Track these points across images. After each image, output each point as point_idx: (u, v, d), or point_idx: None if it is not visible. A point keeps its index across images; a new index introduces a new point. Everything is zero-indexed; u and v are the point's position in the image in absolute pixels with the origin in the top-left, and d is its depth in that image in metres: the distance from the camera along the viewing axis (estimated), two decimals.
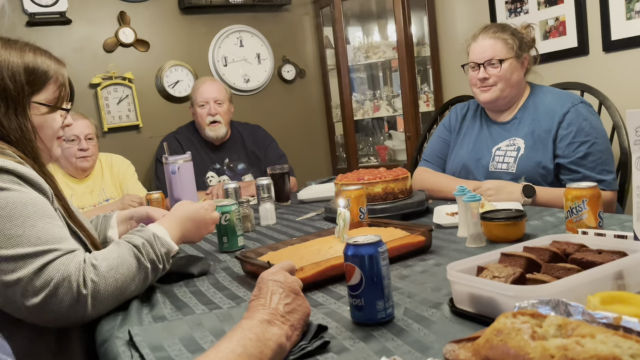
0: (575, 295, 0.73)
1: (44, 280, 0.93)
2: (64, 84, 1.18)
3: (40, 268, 0.93)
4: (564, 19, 2.60)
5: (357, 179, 1.69)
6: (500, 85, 1.84)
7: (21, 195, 0.98)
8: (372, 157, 3.60)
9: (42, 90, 1.13)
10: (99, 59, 3.01)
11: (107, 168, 2.54)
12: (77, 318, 0.97)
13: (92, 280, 0.98)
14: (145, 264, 1.07)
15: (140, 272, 1.06)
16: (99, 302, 0.99)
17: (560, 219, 1.41)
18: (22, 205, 0.97)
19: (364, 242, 0.86)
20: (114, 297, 1.02)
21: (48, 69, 1.13)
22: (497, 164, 1.86)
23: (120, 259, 1.04)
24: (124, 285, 1.03)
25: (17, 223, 0.95)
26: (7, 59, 1.08)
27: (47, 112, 1.14)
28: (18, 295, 0.93)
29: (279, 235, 1.61)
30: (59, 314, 0.95)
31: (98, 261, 1.01)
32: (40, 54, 1.13)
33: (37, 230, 0.96)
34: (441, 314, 0.87)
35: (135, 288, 1.06)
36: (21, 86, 1.09)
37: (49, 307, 0.94)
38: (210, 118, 2.64)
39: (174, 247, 1.16)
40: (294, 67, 3.56)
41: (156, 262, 1.10)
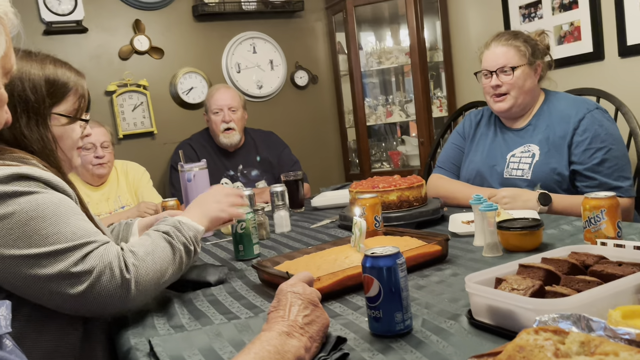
0: (596, 308, 0.72)
1: (86, 268, 0.95)
2: (83, 95, 1.20)
3: (81, 258, 0.95)
4: (579, 24, 2.58)
5: (371, 187, 1.70)
6: (514, 92, 1.83)
7: (50, 196, 1.00)
8: (384, 162, 3.59)
9: (62, 102, 1.15)
10: (115, 67, 3.04)
11: (122, 175, 2.57)
12: (121, 303, 0.98)
13: (133, 264, 1.00)
14: (178, 246, 1.09)
15: (175, 255, 1.09)
16: (142, 285, 1.00)
17: (577, 227, 1.40)
18: (52, 204, 0.99)
19: (382, 254, 0.86)
20: (154, 281, 1.03)
21: (68, 81, 1.15)
22: (512, 171, 1.86)
23: (155, 244, 1.07)
24: (162, 268, 1.05)
25: (51, 222, 0.97)
26: (28, 71, 1.10)
27: (67, 123, 1.16)
28: (63, 287, 0.94)
29: (294, 244, 1.62)
30: (104, 301, 0.96)
31: (135, 248, 1.04)
32: (60, 66, 1.15)
33: (72, 227, 0.98)
34: (459, 326, 0.87)
35: (173, 272, 1.08)
36: (42, 98, 1.11)
37: (94, 294, 0.95)
38: (225, 125, 2.66)
39: (200, 228, 1.18)
40: (306, 73, 3.58)
41: (187, 244, 1.12)
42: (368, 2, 3.35)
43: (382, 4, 3.39)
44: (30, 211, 0.95)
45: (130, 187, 2.55)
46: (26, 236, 0.94)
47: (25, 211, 0.95)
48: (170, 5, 3.17)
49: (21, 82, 1.09)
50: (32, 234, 0.94)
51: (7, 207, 0.94)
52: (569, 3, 2.61)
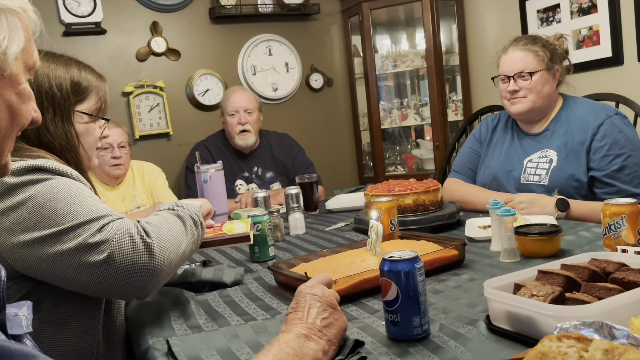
0: (618, 316, 0.72)
1: (104, 237, 0.95)
2: (103, 97, 1.24)
3: (98, 229, 0.96)
4: (598, 28, 2.56)
5: (387, 191, 1.69)
6: (531, 97, 1.82)
7: (64, 180, 1.02)
8: (399, 166, 3.59)
9: (85, 101, 1.19)
10: (132, 68, 3.07)
11: (138, 175, 2.59)
12: (148, 271, 0.96)
13: (152, 230, 1.00)
14: (185, 217, 1.09)
15: (186, 225, 1.08)
16: (165, 250, 0.99)
17: (596, 234, 1.39)
18: (67, 187, 1.01)
19: (400, 258, 0.86)
20: (175, 248, 1.02)
21: (90, 83, 1.20)
22: (529, 176, 1.84)
23: (164, 217, 1.06)
24: (179, 236, 1.04)
25: (66, 202, 0.98)
26: (55, 70, 1.15)
27: (89, 121, 1.20)
28: (84, 257, 0.94)
29: (308, 246, 1.62)
30: (130, 268, 0.94)
31: (149, 219, 1.04)
32: (83, 69, 1.20)
33: (87, 204, 0.99)
34: (477, 331, 0.87)
35: (188, 242, 1.08)
36: (67, 94, 1.15)
37: (117, 261, 0.94)
38: (240, 127, 2.68)
39: (197, 204, 1.18)
40: (321, 76, 3.58)
41: (193, 216, 1.12)
42: (384, 5, 3.35)
43: (398, 7, 3.39)
44: (46, 194, 0.97)
45: (146, 187, 2.58)
46: (44, 218, 0.96)
47: (40, 194, 0.97)
48: (188, 7, 3.20)
49: (48, 80, 1.13)
50: (49, 215, 0.96)
51: (23, 194, 0.97)
52: (588, 7, 2.59)
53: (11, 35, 0.66)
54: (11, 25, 0.66)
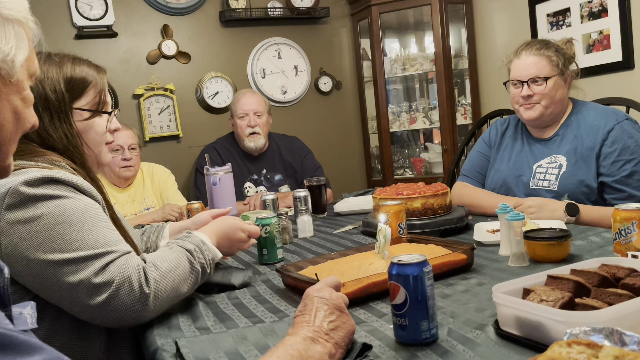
0: (628, 322, 0.71)
1: (106, 279, 0.97)
2: (103, 89, 1.22)
3: (101, 268, 0.98)
4: (608, 32, 2.55)
5: (395, 194, 1.69)
6: (545, 102, 1.80)
7: (77, 202, 1.03)
8: (407, 169, 3.58)
9: (82, 97, 1.18)
10: (142, 71, 3.10)
11: (148, 177, 2.61)
12: (137, 317, 1.01)
13: (154, 279, 1.02)
14: (197, 267, 1.12)
15: (192, 275, 1.11)
16: (159, 301, 1.03)
17: (606, 239, 1.38)
18: (79, 211, 1.02)
19: (409, 262, 0.86)
20: (170, 298, 1.06)
21: (86, 76, 1.18)
22: (538, 181, 1.83)
23: (177, 261, 1.09)
24: (179, 286, 1.08)
25: (76, 228, 0.99)
26: (47, 73, 1.15)
27: (90, 117, 1.19)
28: (82, 296, 0.97)
29: (317, 249, 1.63)
30: (121, 313, 0.98)
31: (159, 262, 1.06)
32: (79, 64, 1.19)
33: (95, 234, 1.01)
34: (486, 336, 0.86)
35: (187, 290, 1.11)
36: (61, 95, 1.14)
37: (112, 305, 0.98)
38: (250, 130, 2.69)
39: (218, 255, 1.21)
40: (330, 79, 3.59)
41: (205, 266, 1.15)
42: (393, 9, 3.35)
43: (407, 10, 3.39)
44: (57, 216, 0.99)
45: (156, 189, 2.59)
46: (51, 240, 0.97)
47: (52, 215, 0.98)
48: (198, 10, 3.22)
49: (40, 84, 1.13)
50: (56, 238, 0.97)
51: (35, 210, 0.98)
52: (598, 11, 2.58)
53: (18, 45, 0.69)
54: (18, 35, 0.69)
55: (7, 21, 0.68)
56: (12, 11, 0.68)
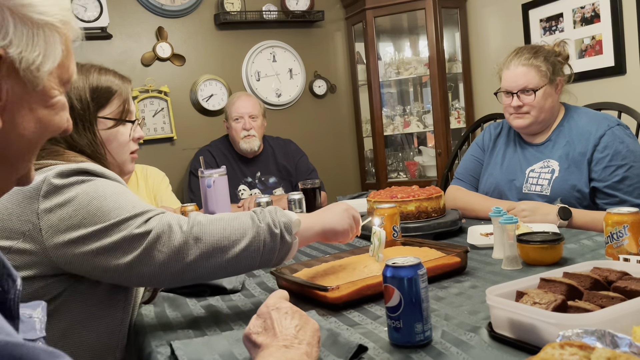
0: (620, 325, 0.72)
1: (147, 228, 0.98)
2: (127, 98, 1.25)
3: (143, 222, 0.98)
4: (601, 38, 2.57)
5: (390, 197, 1.70)
6: (534, 112, 1.82)
7: (107, 181, 1.06)
8: (401, 172, 3.59)
9: (107, 106, 1.21)
10: (137, 73, 3.09)
11: (142, 179, 2.60)
12: (182, 261, 0.98)
13: (199, 222, 1.01)
14: (258, 223, 1.03)
15: (252, 229, 1.02)
16: (205, 244, 0.98)
17: (598, 242, 1.39)
18: (111, 185, 1.04)
19: (403, 264, 0.87)
20: (220, 247, 0.99)
21: (111, 85, 1.21)
22: (531, 186, 1.85)
23: (234, 215, 1.05)
24: (233, 237, 1.00)
25: (111, 199, 1.00)
26: (73, 82, 1.15)
27: (113, 125, 1.21)
28: (125, 249, 0.97)
29: (311, 251, 1.63)
30: (164, 257, 0.97)
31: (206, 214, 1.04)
32: (104, 73, 1.21)
33: (131, 201, 1.02)
34: (480, 339, 0.87)
35: (248, 247, 1.01)
36: (87, 104, 1.17)
37: (155, 250, 0.97)
38: (245, 133, 2.69)
39: (294, 218, 1.08)
40: (325, 82, 3.60)
41: (272, 226, 1.03)
42: (388, 13, 3.37)
43: (401, 14, 3.41)
44: (92, 192, 1.00)
45: (150, 191, 2.58)
46: (90, 215, 0.98)
47: (86, 193, 1.00)
48: (193, 13, 3.22)
49: (67, 94, 1.13)
50: (95, 211, 0.98)
51: (69, 193, 0.99)
52: (590, 17, 2.60)
53: (48, 51, 0.64)
54: (49, 40, 0.64)
55: (37, 27, 0.62)
56: (44, 15, 0.62)
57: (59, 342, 1.03)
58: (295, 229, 1.07)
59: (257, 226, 1.03)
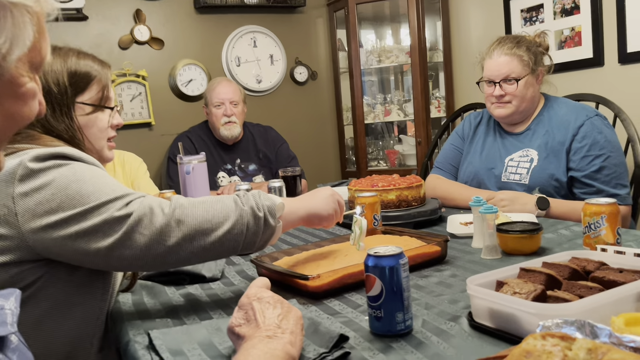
0: (599, 315, 0.73)
1: (128, 211, 0.95)
2: (106, 84, 1.22)
3: (123, 206, 0.96)
4: (580, 29, 2.59)
5: (370, 186, 1.70)
6: (516, 102, 1.83)
7: (85, 165, 1.03)
8: (381, 161, 3.60)
9: (86, 91, 1.18)
10: (114, 56, 3.02)
11: (119, 165, 2.55)
12: (163, 243, 0.96)
13: (181, 204, 0.98)
14: (241, 206, 1.02)
15: (235, 212, 1.00)
16: (187, 227, 0.96)
17: (575, 232, 1.41)
18: (89, 169, 1.01)
19: (385, 254, 0.86)
20: (202, 229, 0.98)
21: (90, 70, 1.18)
22: (510, 175, 1.86)
23: (217, 198, 1.03)
24: (216, 220, 0.99)
25: (91, 183, 0.98)
26: (51, 65, 1.13)
27: (92, 111, 1.19)
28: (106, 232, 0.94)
29: (291, 239, 1.62)
30: (145, 239, 0.95)
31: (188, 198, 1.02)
32: (83, 58, 1.18)
33: (111, 185, 0.99)
34: (460, 328, 0.87)
35: (231, 230, 0.99)
36: (64, 88, 1.14)
37: (137, 232, 0.95)
38: (226, 119, 2.66)
39: (278, 201, 1.07)
40: (306, 69, 3.57)
41: (255, 209, 1.02)
42: (370, 0, 3.35)
43: (383, 2, 3.39)
44: (69, 175, 0.97)
45: (127, 177, 2.54)
46: (69, 198, 0.95)
47: (64, 176, 0.97)
48: None
49: (44, 76, 1.11)
50: (74, 195, 0.96)
51: (46, 177, 0.96)
52: (570, 8, 2.62)
53: (15, 36, 0.57)
54: (17, 23, 0.57)
55: (2, 9, 0.56)
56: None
57: (35, 329, 1.01)
58: (279, 212, 1.07)
59: (240, 209, 1.01)
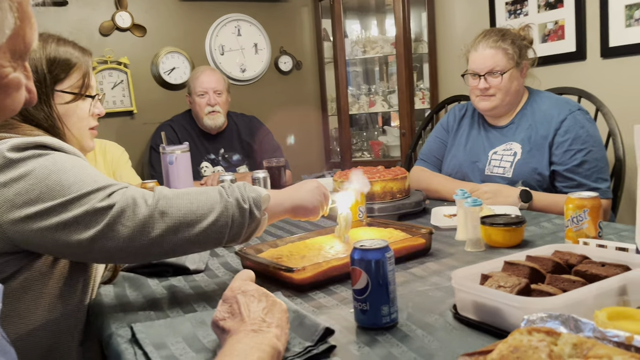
0: (582, 309, 0.74)
1: (110, 202, 0.93)
2: (87, 72, 1.19)
3: (104, 197, 0.94)
4: (564, 23, 2.61)
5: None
6: (500, 95, 1.84)
7: (66, 155, 1.00)
8: (365, 152, 3.60)
9: (66, 79, 1.15)
10: (95, 43, 2.96)
11: (100, 154, 2.51)
12: (145, 234, 0.93)
13: (165, 195, 0.96)
14: (226, 198, 1.00)
15: (220, 204, 0.99)
16: (170, 219, 0.94)
17: (557, 225, 1.43)
18: (70, 159, 0.98)
19: (371, 247, 0.86)
20: (186, 221, 0.96)
21: (70, 57, 1.15)
22: (493, 168, 1.87)
23: (201, 190, 1.01)
24: (200, 211, 0.97)
25: (72, 173, 0.95)
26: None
27: (72, 100, 1.16)
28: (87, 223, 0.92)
29: (276, 231, 1.61)
30: (128, 231, 0.92)
31: (171, 189, 1.00)
32: (63, 44, 1.15)
33: (93, 175, 0.97)
34: (444, 321, 0.88)
35: (216, 221, 0.98)
36: (43, 76, 1.11)
37: (119, 224, 0.92)
38: (209, 108, 2.63)
39: (263, 193, 1.06)
40: (290, 59, 3.54)
41: (240, 201, 1.00)
42: None
43: None
44: (50, 166, 0.95)
45: (108, 166, 2.50)
46: (49, 189, 0.93)
47: (44, 166, 0.95)
48: None
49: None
50: (54, 185, 0.93)
51: (26, 167, 0.94)
52: (554, 1, 2.64)
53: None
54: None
55: None
56: None
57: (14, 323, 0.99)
58: (264, 204, 1.05)
59: (225, 201, 1.00)
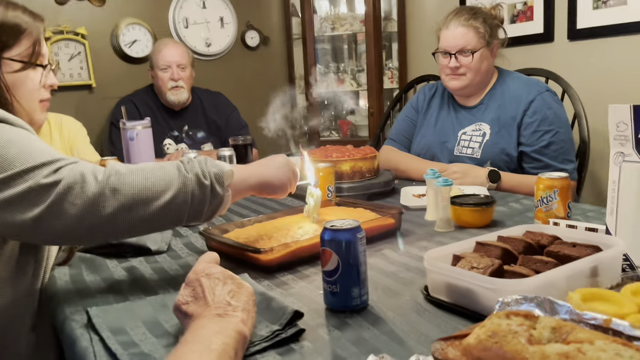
0: (555, 290, 0.72)
1: (56, 178, 0.86)
2: (38, 39, 1.10)
3: (51, 172, 0.87)
4: (532, 4, 2.61)
5: (325, 156, 1.66)
6: (470, 74, 1.82)
7: (11, 127, 0.93)
8: (333, 131, 3.56)
9: (14, 46, 1.06)
10: (49, 11, 2.80)
11: (56, 130, 2.39)
12: (96, 213, 0.87)
13: (117, 171, 0.90)
14: (185, 173, 0.94)
15: (178, 180, 0.93)
16: (123, 196, 0.88)
17: (525, 205, 1.43)
18: (14, 132, 0.92)
19: (342, 227, 0.83)
20: (141, 197, 0.90)
21: (20, 23, 1.06)
22: (462, 148, 1.87)
23: (158, 165, 0.94)
24: (157, 187, 0.91)
25: (17, 146, 0.89)
26: None
27: (21, 68, 1.07)
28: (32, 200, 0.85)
29: (242, 210, 1.57)
30: (77, 209, 0.86)
31: (126, 165, 0.93)
32: (12, 9, 1.06)
33: (41, 148, 0.90)
34: (415, 302, 0.86)
35: (175, 197, 0.92)
36: None
37: (67, 201, 0.86)
38: (173, 83, 2.53)
39: (226, 168, 0.99)
40: (257, 34, 3.45)
41: (201, 177, 0.94)
42: None
43: None
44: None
45: (65, 142, 2.39)
46: None
47: None
48: None
49: None
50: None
51: None
52: None
53: None
54: None
55: None
56: None
57: None
58: (227, 180, 0.99)
59: (183, 176, 0.94)
